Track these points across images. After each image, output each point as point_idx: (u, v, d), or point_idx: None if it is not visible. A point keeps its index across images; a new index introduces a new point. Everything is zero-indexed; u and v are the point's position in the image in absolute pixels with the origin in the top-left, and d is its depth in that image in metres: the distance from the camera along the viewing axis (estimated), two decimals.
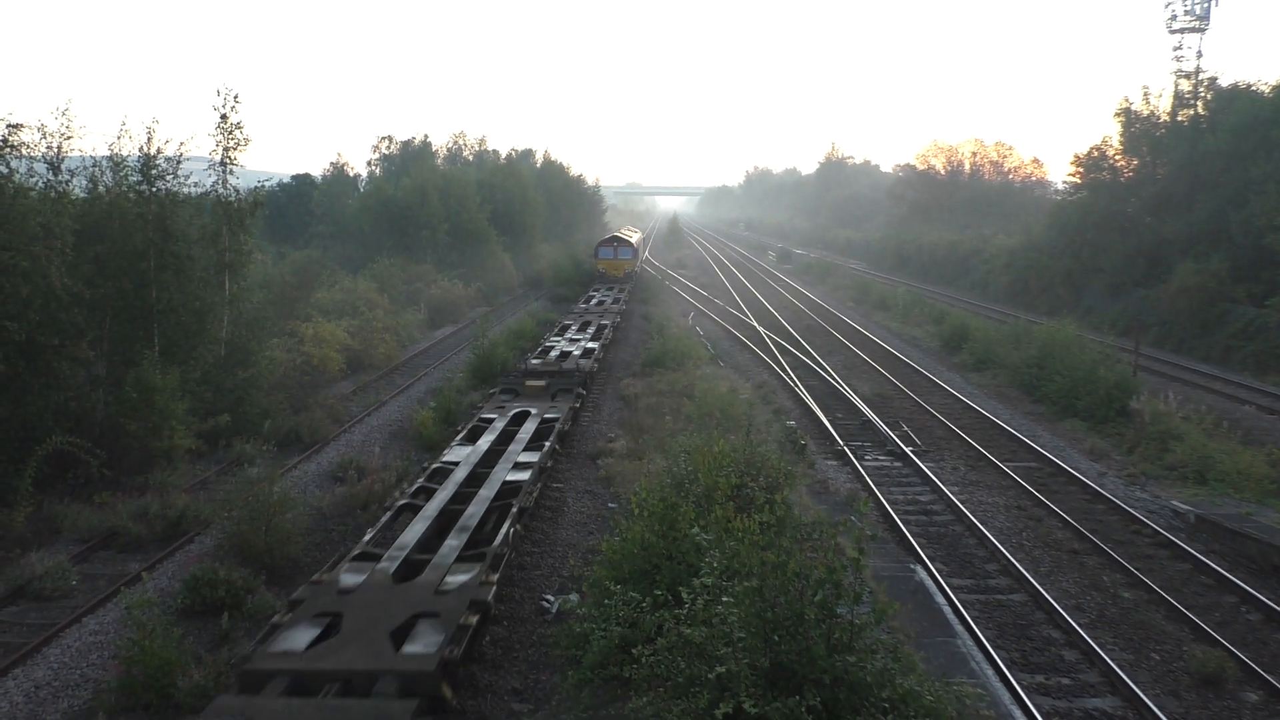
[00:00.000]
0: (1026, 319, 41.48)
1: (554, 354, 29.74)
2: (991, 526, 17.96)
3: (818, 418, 25.99)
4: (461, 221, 57.53)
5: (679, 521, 11.56)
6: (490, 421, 21.12)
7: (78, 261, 20.10)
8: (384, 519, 14.66)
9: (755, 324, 44.22)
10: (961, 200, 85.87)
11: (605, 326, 36.58)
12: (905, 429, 25.28)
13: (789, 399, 28.92)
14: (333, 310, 35.87)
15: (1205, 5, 52.73)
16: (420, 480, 16.63)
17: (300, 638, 10.14)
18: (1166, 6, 53.29)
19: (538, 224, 73.76)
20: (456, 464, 17.69)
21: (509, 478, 16.74)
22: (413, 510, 15.05)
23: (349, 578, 11.92)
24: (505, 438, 19.82)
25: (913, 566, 15.72)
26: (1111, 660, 12.67)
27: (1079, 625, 13.73)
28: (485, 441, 19.28)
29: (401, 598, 11.23)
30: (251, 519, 15.36)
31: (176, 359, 21.82)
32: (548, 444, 19.11)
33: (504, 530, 13.73)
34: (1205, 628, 13.67)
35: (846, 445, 23.28)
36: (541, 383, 24.83)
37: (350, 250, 53.59)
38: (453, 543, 13.34)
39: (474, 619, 10.80)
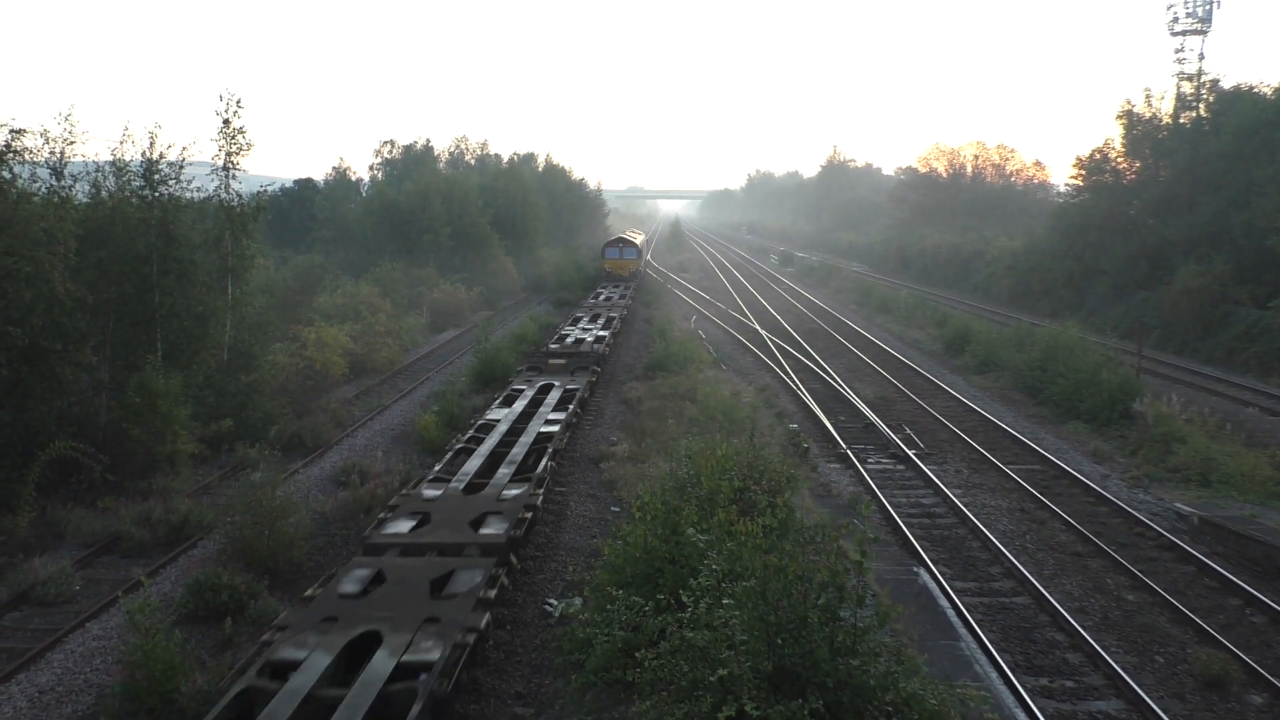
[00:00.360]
0: (1029, 321, 41.46)
1: (570, 339, 33.21)
2: (995, 529, 17.95)
3: (820, 421, 25.98)
4: (464, 225, 57.59)
5: (681, 525, 11.55)
6: (521, 391, 24.83)
7: (81, 267, 20.13)
8: (446, 457, 18.36)
9: (757, 327, 44.22)
10: (963, 203, 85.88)
11: (614, 318, 39.86)
12: (908, 432, 25.27)
13: (791, 402, 28.92)
14: (335, 314, 35.90)
15: (1207, 8, 52.74)
16: (471, 431, 20.36)
17: (403, 526, 14.03)
18: (1168, 9, 53.33)
19: (540, 228, 73.81)
20: (498, 420, 21.35)
21: (542, 429, 20.47)
22: (467, 452, 18.74)
23: (429, 491, 15.85)
24: (535, 403, 23.39)
25: (916, 569, 15.70)
26: (1115, 663, 12.65)
27: (1083, 628, 13.71)
28: (519, 405, 23.02)
29: (472, 504, 15.20)
30: (254, 523, 15.37)
31: (179, 364, 21.85)
32: (571, 406, 22.94)
33: (544, 463, 17.71)
34: (1209, 630, 13.65)
35: (849, 448, 23.26)
36: (562, 361, 28.62)
37: (352, 254, 53.63)
38: (504, 471, 17.31)
39: (527, 515, 14.87)
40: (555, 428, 20.49)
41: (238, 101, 25.08)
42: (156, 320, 21.91)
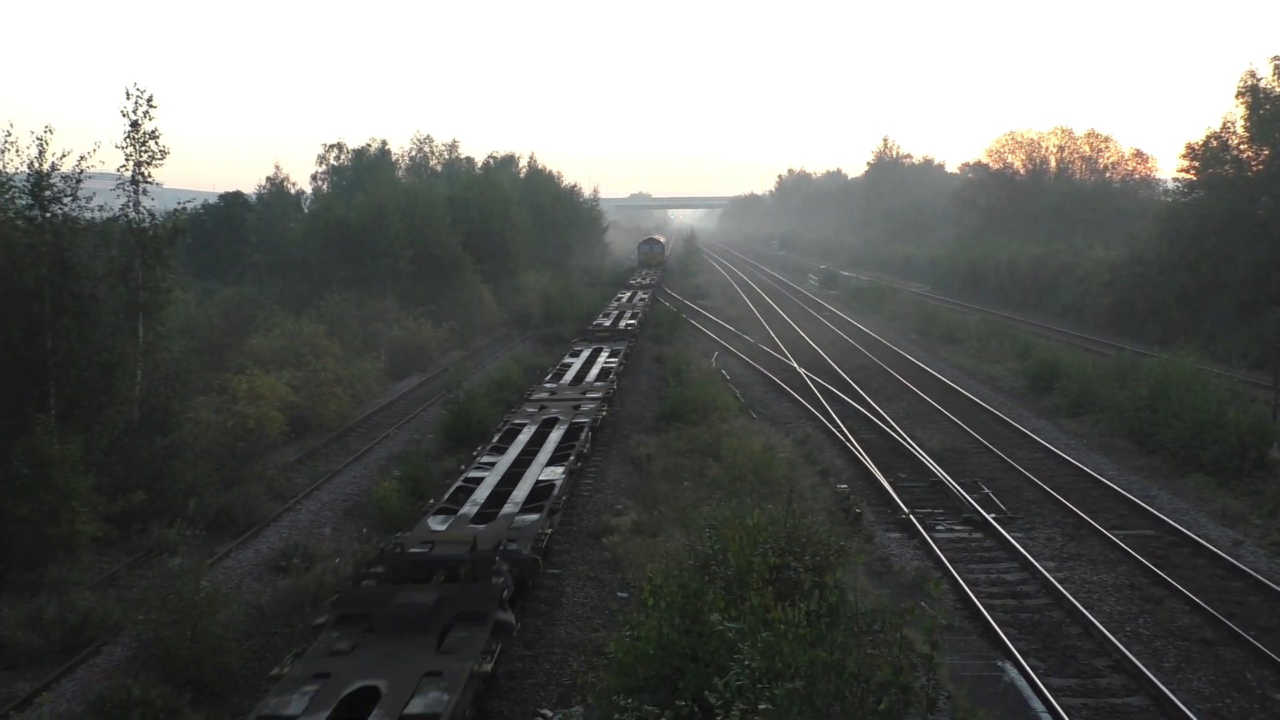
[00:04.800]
0: (1133, 350, 41.39)
1: (639, 280, 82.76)
2: (1099, 611, 17.79)
3: (875, 479, 25.90)
4: (429, 246, 57.90)
5: (704, 612, 11.46)
6: (628, 290, 72.43)
7: None
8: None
9: (795, 365, 44.26)
10: (1047, 205, 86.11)
11: (653, 281, 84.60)
12: (985, 491, 25.16)
13: (839, 456, 28.85)
14: (272, 360, 35.99)
15: None
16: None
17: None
18: None
19: (522, 247, 74.26)
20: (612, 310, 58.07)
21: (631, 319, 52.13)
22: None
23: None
24: (629, 302, 62.73)
25: (1001, 663, 15.58)
26: None
27: None
28: (624, 296, 68.22)
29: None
30: (173, 622, 15.32)
31: (79, 424, 21.88)
32: (647, 296, 66.43)
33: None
34: None
35: (912, 513, 23.16)
36: (645, 275, 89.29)
37: (293, 285, 53.92)
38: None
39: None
40: (646, 299, 50.88)
41: (149, 99, 25.38)
42: (49, 370, 21.98)
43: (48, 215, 22.75)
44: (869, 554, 20.22)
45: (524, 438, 25.02)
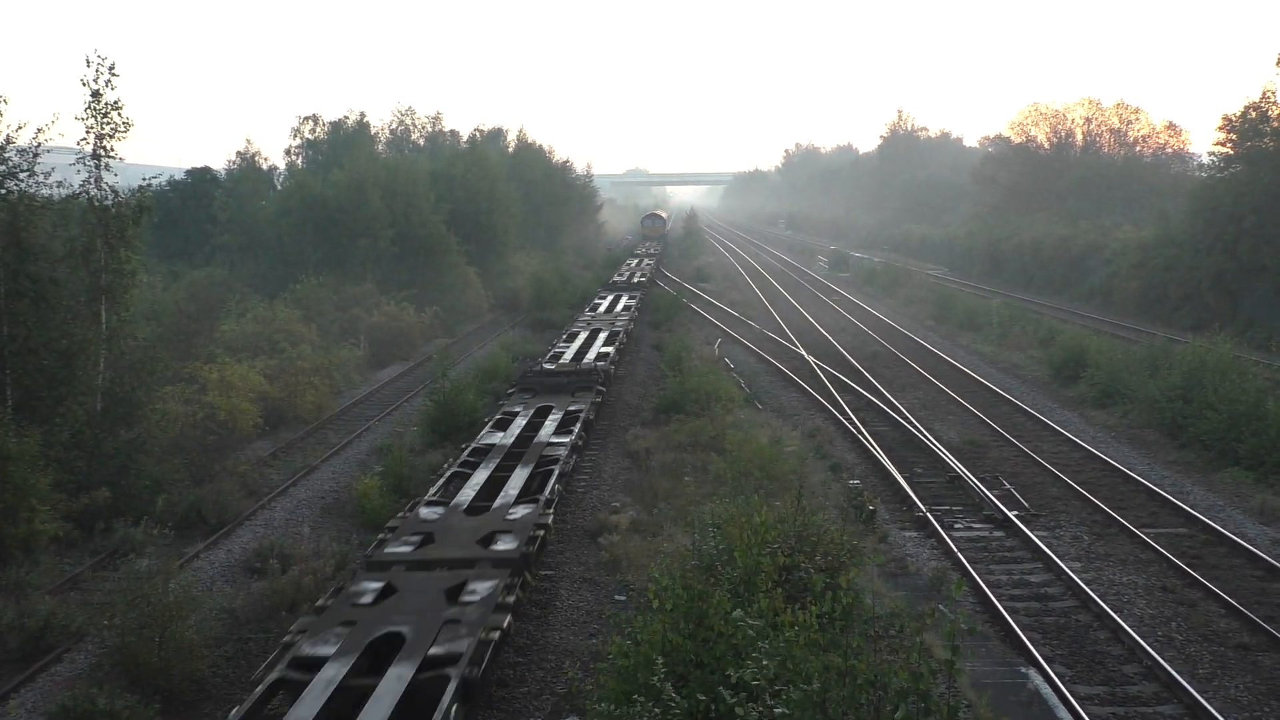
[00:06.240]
0: (1165, 336, 41.44)
1: (645, 250, 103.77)
2: (1128, 615, 17.84)
3: (890, 475, 25.94)
4: (411, 226, 57.88)
5: (710, 616, 11.49)
6: (635, 257, 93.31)
7: None
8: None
9: (803, 352, 44.27)
10: (1073, 182, 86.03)
11: (656, 251, 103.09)
12: (1007, 487, 25.22)
13: (851, 450, 28.90)
14: (244, 347, 36.01)
15: None
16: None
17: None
18: None
19: (511, 227, 74.18)
20: (626, 271, 76.48)
21: (642, 277, 70.37)
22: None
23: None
24: (638, 266, 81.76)
25: (1025, 670, 15.63)
26: None
27: None
28: (634, 262, 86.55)
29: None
30: (140, 628, 15.33)
31: (37, 416, 21.85)
32: (653, 262, 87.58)
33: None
34: None
35: (929, 511, 23.20)
36: (649, 246, 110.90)
37: (265, 267, 53.87)
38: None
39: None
40: (656, 257, 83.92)
41: (111, 68, 25.28)
42: (5, 359, 21.95)
43: (2, 192, 22.67)
44: (883, 554, 20.27)
45: (582, 335, 41.03)
